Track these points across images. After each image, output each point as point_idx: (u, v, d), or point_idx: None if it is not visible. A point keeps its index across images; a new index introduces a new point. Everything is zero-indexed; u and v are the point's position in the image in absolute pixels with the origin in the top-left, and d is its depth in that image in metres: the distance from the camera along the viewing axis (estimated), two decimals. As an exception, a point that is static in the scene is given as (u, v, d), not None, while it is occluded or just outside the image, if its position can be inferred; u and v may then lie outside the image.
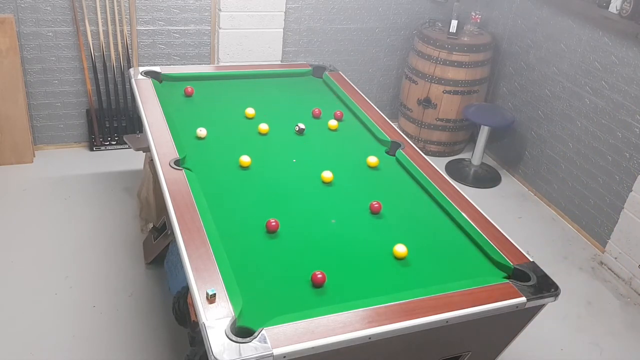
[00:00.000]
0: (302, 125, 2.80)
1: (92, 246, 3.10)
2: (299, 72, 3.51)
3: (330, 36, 4.28)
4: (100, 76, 3.80)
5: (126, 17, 3.70)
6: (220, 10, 3.82)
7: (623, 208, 3.33)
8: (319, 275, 1.86)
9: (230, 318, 1.62)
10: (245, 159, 2.46)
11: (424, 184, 2.47)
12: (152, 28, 3.80)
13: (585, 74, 3.60)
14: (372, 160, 2.62)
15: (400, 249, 2.03)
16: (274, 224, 2.08)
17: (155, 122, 2.67)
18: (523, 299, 1.83)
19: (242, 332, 1.60)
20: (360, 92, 3.29)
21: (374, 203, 2.26)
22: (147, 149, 3.04)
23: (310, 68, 3.54)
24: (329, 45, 4.31)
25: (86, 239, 3.16)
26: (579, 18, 3.60)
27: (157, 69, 3.21)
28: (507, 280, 1.93)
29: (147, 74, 3.15)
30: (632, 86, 3.28)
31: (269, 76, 3.43)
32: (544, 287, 1.90)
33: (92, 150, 3.98)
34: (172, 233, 2.05)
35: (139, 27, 3.77)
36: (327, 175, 2.43)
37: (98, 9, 3.59)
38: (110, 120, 3.94)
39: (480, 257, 2.09)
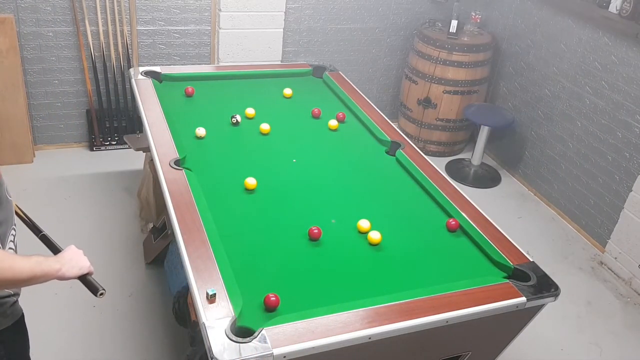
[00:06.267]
0: (238, 118, 2.82)
1: (92, 246, 3.10)
2: (299, 72, 3.51)
3: (330, 36, 4.28)
4: (100, 76, 3.80)
5: (126, 17, 3.70)
6: (220, 10, 3.82)
7: (623, 208, 3.33)
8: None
9: (230, 318, 1.62)
10: (250, 182, 2.33)
11: (424, 184, 2.47)
12: (152, 28, 3.80)
13: (585, 74, 3.60)
14: (333, 123, 2.89)
15: (375, 235, 2.08)
16: (316, 231, 2.08)
17: (155, 122, 2.67)
18: (523, 299, 1.83)
19: (242, 332, 1.59)
20: (360, 92, 3.29)
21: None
22: (147, 149, 3.04)
23: (310, 68, 3.54)
24: (329, 45, 4.31)
25: (86, 239, 3.15)
26: (579, 18, 3.60)
27: (157, 69, 3.21)
28: (507, 280, 1.93)
29: (147, 74, 3.15)
30: (632, 86, 3.28)
31: (269, 76, 3.43)
32: (544, 287, 1.90)
33: (92, 150, 3.98)
34: (172, 233, 2.05)
35: (139, 27, 3.77)
36: (364, 225, 2.16)
37: (98, 9, 3.59)
38: (110, 120, 3.94)
39: (480, 257, 2.09)
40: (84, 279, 1.52)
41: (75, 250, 1.54)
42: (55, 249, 1.61)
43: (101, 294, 1.49)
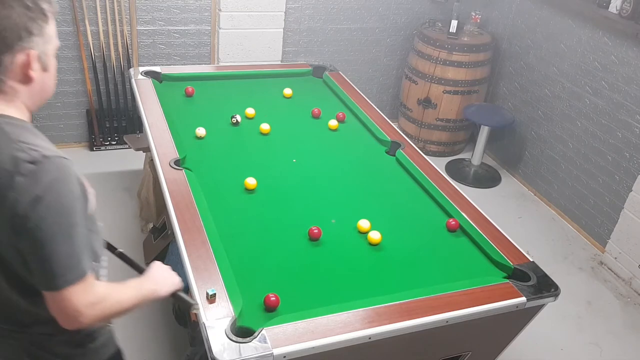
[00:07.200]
0: (238, 118, 2.82)
1: (92, 246, 3.09)
2: (299, 72, 3.51)
3: (330, 36, 4.28)
4: (100, 76, 3.80)
5: (126, 17, 3.70)
6: (220, 10, 3.82)
7: (623, 208, 3.32)
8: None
9: (230, 318, 1.62)
10: (250, 182, 2.33)
11: (424, 184, 2.47)
12: (152, 28, 3.80)
13: (585, 74, 3.60)
14: (333, 123, 2.89)
15: (374, 235, 2.08)
16: (316, 231, 2.07)
17: (155, 122, 2.67)
18: (523, 299, 1.84)
19: (242, 332, 1.60)
20: (360, 92, 3.29)
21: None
22: (147, 149, 3.04)
23: (310, 68, 3.53)
24: (329, 45, 4.31)
25: (86, 239, 3.15)
26: (579, 18, 3.60)
27: (157, 69, 3.21)
28: (507, 280, 1.93)
29: (147, 74, 3.15)
30: (632, 86, 3.28)
31: (269, 76, 3.43)
32: (544, 287, 1.90)
33: (92, 150, 3.98)
34: (172, 233, 2.05)
35: (139, 27, 3.77)
36: (364, 224, 2.17)
37: (98, 9, 3.59)
38: (110, 120, 3.94)
39: (480, 257, 2.09)
40: (176, 295, 1.47)
41: (163, 266, 1.48)
42: (136, 267, 1.57)
43: (195, 308, 1.44)
